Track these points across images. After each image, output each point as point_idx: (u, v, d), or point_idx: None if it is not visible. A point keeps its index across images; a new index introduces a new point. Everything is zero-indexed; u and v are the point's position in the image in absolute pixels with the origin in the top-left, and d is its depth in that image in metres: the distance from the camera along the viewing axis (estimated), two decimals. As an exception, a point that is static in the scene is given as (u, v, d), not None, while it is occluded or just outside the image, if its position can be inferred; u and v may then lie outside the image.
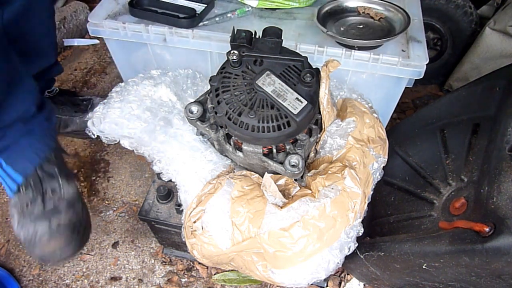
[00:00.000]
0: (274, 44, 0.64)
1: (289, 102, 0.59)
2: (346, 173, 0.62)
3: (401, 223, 0.78)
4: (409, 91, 1.34)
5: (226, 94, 0.60)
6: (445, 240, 0.57)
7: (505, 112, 0.63)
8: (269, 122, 0.58)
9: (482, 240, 0.52)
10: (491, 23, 1.11)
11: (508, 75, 0.69)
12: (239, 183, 0.65)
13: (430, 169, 0.79)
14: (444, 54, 1.28)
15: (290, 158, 0.61)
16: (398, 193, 0.82)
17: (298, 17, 0.90)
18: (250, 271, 0.64)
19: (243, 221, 0.61)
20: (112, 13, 0.92)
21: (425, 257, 0.60)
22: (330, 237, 0.59)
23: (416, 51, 0.78)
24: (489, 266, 0.53)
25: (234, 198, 0.63)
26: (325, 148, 0.68)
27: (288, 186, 0.65)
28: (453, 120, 0.78)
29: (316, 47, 0.78)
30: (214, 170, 0.69)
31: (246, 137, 0.60)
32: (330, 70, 0.62)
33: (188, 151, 0.69)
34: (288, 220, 0.59)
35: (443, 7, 1.16)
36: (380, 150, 0.69)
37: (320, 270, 0.61)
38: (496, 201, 0.54)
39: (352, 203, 0.61)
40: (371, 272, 0.73)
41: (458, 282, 0.62)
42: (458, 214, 0.66)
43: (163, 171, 0.70)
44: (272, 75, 0.61)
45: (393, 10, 0.82)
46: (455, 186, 0.72)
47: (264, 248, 0.59)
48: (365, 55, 0.76)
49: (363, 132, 0.68)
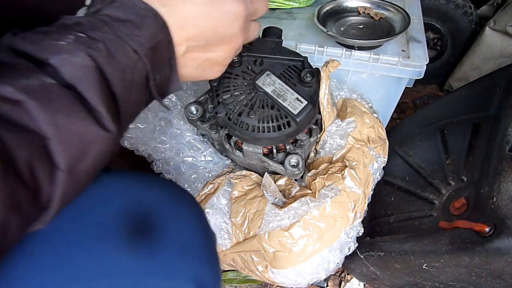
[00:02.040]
0: (274, 44, 0.64)
1: (289, 102, 0.59)
2: (346, 173, 0.62)
3: (401, 223, 0.78)
4: (409, 91, 1.34)
5: (226, 94, 0.60)
6: (445, 240, 0.57)
7: (505, 112, 0.63)
8: (269, 122, 0.58)
9: (482, 240, 0.52)
10: (491, 23, 1.11)
11: (508, 75, 0.69)
12: (239, 183, 0.65)
13: (430, 169, 0.79)
14: (444, 54, 1.27)
15: (290, 158, 0.61)
16: (398, 193, 0.82)
17: (298, 17, 0.90)
18: (250, 271, 0.64)
19: (243, 221, 0.61)
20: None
21: (425, 257, 0.60)
22: (330, 237, 0.59)
23: (416, 51, 0.78)
24: (489, 266, 0.53)
25: (234, 198, 0.63)
26: (325, 148, 0.68)
27: (288, 186, 0.65)
28: (453, 120, 0.78)
29: (316, 47, 0.78)
30: (214, 170, 0.69)
31: (246, 137, 0.60)
32: (330, 70, 0.62)
33: (188, 151, 0.69)
34: (288, 220, 0.59)
35: (443, 7, 1.16)
36: (380, 150, 0.69)
37: (320, 270, 0.61)
38: (496, 201, 0.54)
39: (352, 203, 0.61)
40: (371, 272, 0.73)
41: (458, 282, 0.62)
42: (458, 214, 0.66)
43: (163, 171, 0.70)
44: (272, 75, 0.61)
45: (393, 10, 0.82)
46: (455, 186, 0.72)
47: (264, 248, 0.59)
48: (365, 55, 0.76)
49: (363, 132, 0.68)
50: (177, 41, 0.36)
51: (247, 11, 0.41)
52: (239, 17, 0.40)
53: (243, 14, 0.40)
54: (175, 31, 0.36)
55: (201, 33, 0.38)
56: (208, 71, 0.43)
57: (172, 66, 0.37)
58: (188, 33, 0.37)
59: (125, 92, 0.32)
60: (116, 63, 0.31)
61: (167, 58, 0.36)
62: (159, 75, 0.36)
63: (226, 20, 0.39)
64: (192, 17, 0.37)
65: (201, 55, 0.40)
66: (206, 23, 0.38)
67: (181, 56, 0.38)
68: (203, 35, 0.38)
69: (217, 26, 0.39)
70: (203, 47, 0.39)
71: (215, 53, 0.41)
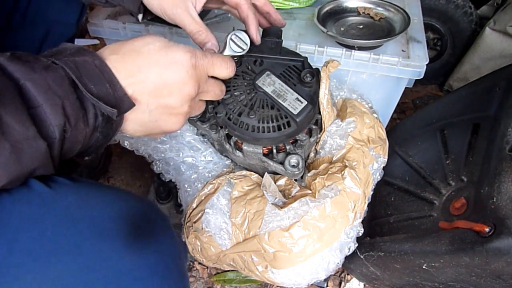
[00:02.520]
0: (274, 44, 0.64)
1: (289, 102, 0.59)
2: (346, 173, 0.62)
3: (401, 223, 0.78)
4: (409, 91, 1.34)
5: (226, 94, 0.60)
6: (445, 240, 0.57)
7: (505, 112, 0.63)
8: (269, 123, 0.58)
9: (482, 240, 0.52)
10: (491, 23, 1.11)
11: (508, 75, 0.69)
12: (239, 183, 0.65)
13: (430, 169, 0.79)
14: (444, 54, 1.27)
15: (290, 158, 0.61)
16: (398, 193, 0.82)
17: (298, 17, 0.90)
18: (250, 271, 0.64)
19: (243, 221, 0.61)
20: (112, 13, 0.91)
21: (425, 257, 0.60)
22: (330, 237, 0.59)
23: (416, 51, 0.78)
24: (489, 266, 0.53)
25: (234, 198, 0.63)
26: (325, 148, 0.68)
27: (288, 186, 0.65)
28: (453, 120, 0.78)
29: (316, 47, 0.78)
30: (214, 170, 0.69)
31: (246, 137, 0.60)
32: (330, 70, 0.62)
33: (188, 151, 0.69)
34: (288, 220, 0.59)
35: (443, 7, 1.16)
36: (380, 150, 0.69)
37: (320, 270, 0.61)
38: (496, 201, 0.54)
39: (352, 203, 0.61)
40: (371, 272, 0.73)
41: (458, 282, 0.62)
42: (458, 214, 0.66)
43: (163, 171, 0.70)
44: (272, 75, 0.61)
45: (393, 10, 0.82)
46: (455, 186, 0.72)
47: (264, 248, 0.59)
48: (365, 55, 0.76)
49: (363, 132, 0.68)
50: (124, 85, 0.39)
51: (195, 61, 0.44)
52: (185, 64, 0.42)
53: (189, 63, 0.43)
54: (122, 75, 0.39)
55: (147, 78, 0.41)
56: (163, 121, 0.44)
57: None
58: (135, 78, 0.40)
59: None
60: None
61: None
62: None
63: (172, 66, 0.42)
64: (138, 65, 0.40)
65: (151, 99, 0.42)
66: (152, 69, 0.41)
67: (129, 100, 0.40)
68: (149, 80, 0.41)
69: (162, 72, 0.41)
70: (153, 93, 0.41)
71: (166, 99, 0.43)
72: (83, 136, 0.37)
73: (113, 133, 0.41)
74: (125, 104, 0.39)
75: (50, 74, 0.34)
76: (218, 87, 0.51)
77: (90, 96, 0.36)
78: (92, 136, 0.39)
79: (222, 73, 0.49)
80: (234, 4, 0.57)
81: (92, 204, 0.37)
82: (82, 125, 0.36)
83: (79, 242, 0.34)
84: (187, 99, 0.44)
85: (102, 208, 0.37)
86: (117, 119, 0.39)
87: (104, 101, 0.37)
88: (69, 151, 0.38)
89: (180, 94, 0.43)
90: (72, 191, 0.38)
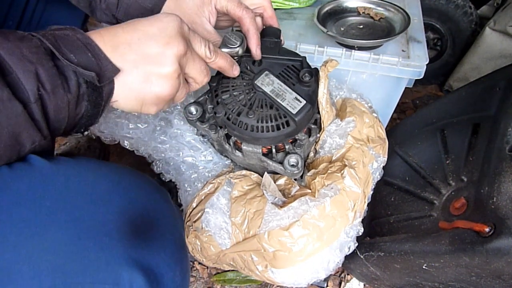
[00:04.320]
0: (273, 44, 0.64)
1: (288, 102, 0.59)
2: (346, 173, 0.62)
3: (401, 223, 0.77)
4: (409, 91, 1.34)
5: (225, 95, 0.61)
6: (445, 240, 0.57)
7: (505, 112, 0.63)
8: (268, 122, 0.58)
9: (482, 240, 0.52)
10: (491, 23, 1.11)
11: (508, 75, 0.69)
12: (239, 183, 0.65)
13: (430, 169, 0.79)
14: (444, 54, 1.27)
15: (290, 157, 0.61)
16: (398, 193, 0.82)
17: (298, 17, 0.90)
18: (250, 270, 0.64)
19: (243, 221, 0.61)
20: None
21: (425, 257, 0.60)
22: (330, 237, 0.59)
23: (416, 51, 0.78)
24: (489, 266, 0.53)
25: (234, 198, 0.63)
26: (325, 148, 0.68)
27: (288, 185, 0.65)
28: (453, 120, 0.78)
29: (316, 47, 0.78)
30: (214, 170, 0.69)
31: (245, 137, 0.60)
32: (329, 70, 0.62)
33: (188, 151, 0.69)
34: (287, 220, 0.59)
35: (443, 7, 1.16)
36: (379, 150, 0.69)
37: (320, 270, 0.61)
38: (496, 201, 0.54)
39: (351, 202, 0.61)
40: (371, 272, 0.73)
41: (458, 282, 0.62)
42: (458, 214, 0.66)
43: (163, 171, 0.71)
44: (271, 75, 0.61)
45: (393, 10, 0.82)
46: (455, 186, 0.72)
47: (264, 247, 0.59)
48: (365, 55, 0.76)
49: (363, 131, 0.68)
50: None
51: (181, 23, 0.44)
52: (171, 23, 0.43)
53: (176, 22, 0.43)
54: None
55: (132, 38, 0.42)
56: (154, 82, 0.44)
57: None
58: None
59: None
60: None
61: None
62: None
63: (157, 23, 0.43)
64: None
65: (137, 58, 0.42)
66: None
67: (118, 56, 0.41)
68: (134, 40, 0.42)
69: (148, 29, 0.43)
70: (140, 50, 0.42)
71: (152, 50, 0.42)
72: (65, 103, 0.38)
73: (104, 103, 0.42)
74: (109, 69, 0.40)
75: (24, 44, 0.35)
76: (203, 64, 0.49)
77: (68, 63, 0.37)
78: (79, 104, 0.40)
79: (201, 50, 0.48)
80: (237, 18, 0.59)
81: (91, 178, 0.39)
82: (62, 91, 0.37)
83: (77, 213, 0.35)
84: (176, 55, 0.43)
85: (100, 182, 0.39)
86: (103, 85, 0.40)
87: (87, 69, 0.38)
88: (57, 121, 0.38)
89: (167, 47, 0.43)
90: (71, 165, 0.40)
